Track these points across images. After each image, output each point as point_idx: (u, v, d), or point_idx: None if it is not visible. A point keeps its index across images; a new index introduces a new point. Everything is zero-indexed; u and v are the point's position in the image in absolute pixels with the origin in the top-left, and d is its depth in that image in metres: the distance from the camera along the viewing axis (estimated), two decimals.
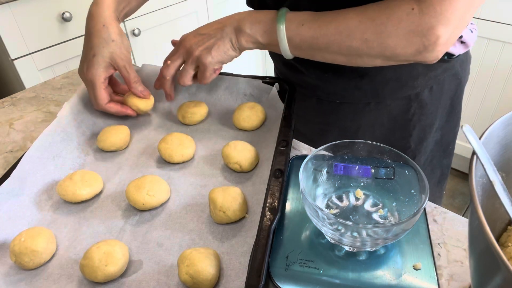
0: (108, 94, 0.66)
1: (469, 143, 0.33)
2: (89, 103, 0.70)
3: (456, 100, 0.76)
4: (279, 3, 0.62)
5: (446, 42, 0.49)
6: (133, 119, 0.73)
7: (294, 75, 0.74)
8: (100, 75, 0.64)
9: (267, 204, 0.48)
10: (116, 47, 0.64)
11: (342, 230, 0.44)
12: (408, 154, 0.75)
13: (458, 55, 0.68)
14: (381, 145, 0.51)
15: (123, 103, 0.70)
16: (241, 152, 0.59)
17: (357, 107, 0.72)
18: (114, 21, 0.65)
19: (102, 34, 0.64)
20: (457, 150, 0.92)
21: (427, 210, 0.53)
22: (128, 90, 0.69)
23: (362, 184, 0.53)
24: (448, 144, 0.81)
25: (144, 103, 0.71)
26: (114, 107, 0.67)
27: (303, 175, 0.48)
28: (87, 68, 0.64)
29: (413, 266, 0.45)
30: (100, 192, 0.59)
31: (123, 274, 0.47)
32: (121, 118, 0.73)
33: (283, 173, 0.52)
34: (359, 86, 0.68)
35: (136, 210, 0.55)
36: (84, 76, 0.65)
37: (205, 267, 0.44)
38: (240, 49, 0.62)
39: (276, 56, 0.77)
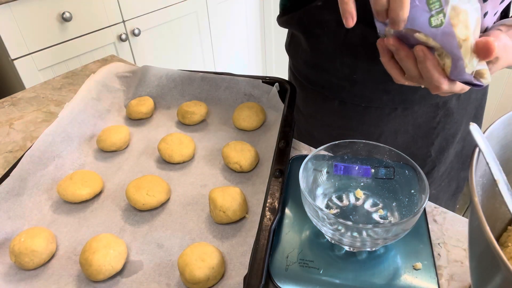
0: None
1: (475, 141, 0.33)
2: (90, 104, 0.70)
3: (480, 110, 0.75)
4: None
5: None
6: (133, 119, 0.73)
7: (316, 74, 0.71)
8: None
9: (267, 204, 0.48)
10: None
11: (342, 230, 0.44)
12: (428, 163, 0.74)
13: None
14: (381, 145, 0.51)
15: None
16: (241, 152, 0.59)
17: (383, 112, 0.69)
18: None
19: None
20: None
21: (427, 210, 0.53)
22: None
23: (362, 184, 0.53)
24: (468, 157, 0.79)
25: (146, 108, 0.71)
26: None
27: (303, 175, 0.48)
28: None
29: (413, 266, 0.45)
30: (100, 192, 0.59)
31: (124, 274, 0.47)
32: (121, 118, 0.73)
33: (283, 173, 0.52)
34: (388, 89, 0.66)
35: (136, 210, 0.55)
36: None
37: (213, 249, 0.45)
38: None
39: (296, 54, 0.74)
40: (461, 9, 0.38)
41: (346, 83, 0.68)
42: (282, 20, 0.72)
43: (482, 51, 0.39)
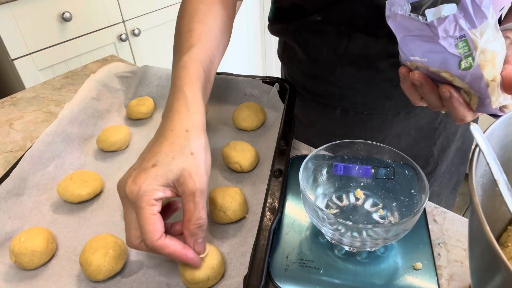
0: (162, 223, 0.41)
1: (476, 141, 0.33)
2: (90, 104, 0.70)
3: None
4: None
5: None
6: (133, 119, 0.73)
7: (315, 84, 0.70)
8: (153, 191, 0.40)
9: (267, 204, 0.48)
10: (193, 163, 0.42)
11: (342, 230, 0.44)
12: (430, 163, 0.74)
13: None
14: (381, 145, 0.51)
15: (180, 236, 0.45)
16: (241, 152, 0.59)
17: (386, 118, 0.69)
18: (203, 130, 0.46)
19: (179, 141, 0.43)
20: None
21: (427, 210, 0.53)
22: (180, 233, 0.45)
23: (362, 184, 0.53)
24: (467, 151, 0.79)
25: (146, 108, 0.71)
26: (171, 246, 0.41)
27: (303, 175, 0.48)
28: (134, 179, 0.41)
29: (413, 266, 0.45)
30: (100, 192, 0.59)
31: (124, 274, 0.47)
32: (121, 118, 0.73)
33: (283, 173, 0.52)
34: (391, 96, 0.65)
35: None
36: (125, 191, 0.41)
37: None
38: None
39: (292, 64, 0.73)
40: (489, 50, 0.38)
41: (347, 92, 0.67)
42: (275, 29, 0.71)
43: (510, 88, 0.39)
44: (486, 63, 0.38)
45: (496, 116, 0.42)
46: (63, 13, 1.31)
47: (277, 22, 0.70)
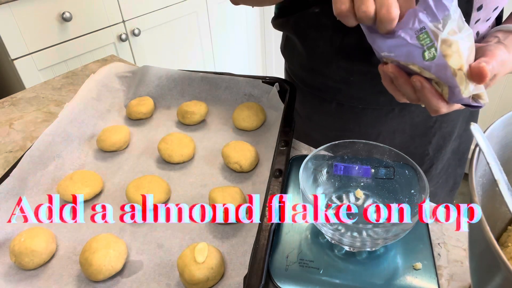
0: None
1: (476, 141, 0.33)
2: (90, 104, 0.70)
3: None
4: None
5: None
6: (133, 119, 0.73)
7: (312, 77, 0.71)
8: None
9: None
10: None
11: (342, 230, 0.44)
12: (425, 162, 0.74)
13: None
14: (381, 145, 0.51)
15: None
16: (241, 152, 0.59)
17: (380, 113, 0.69)
18: None
19: None
20: None
21: None
22: None
23: (362, 184, 0.53)
24: (464, 153, 0.80)
25: (146, 108, 0.71)
26: None
27: (303, 175, 0.48)
28: None
29: (413, 266, 0.45)
30: (100, 192, 0.59)
31: (124, 274, 0.47)
32: (121, 118, 0.73)
33: (283, 173, 0.52)
34: (385, 91, 0.64)
35: None
36: None
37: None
38: None
39: (292, 57, 0.74)
40: (452, 40, 0.39)
41: (342, 85, 0.68)
42: (277, 23, 0.72)
43: (476, 77, 0.40)
44: (451, 53, 0.39)
45: (472, 106, 0.42)
46: (63, 13, 1.31)
47: (280, 16, 0.71)
